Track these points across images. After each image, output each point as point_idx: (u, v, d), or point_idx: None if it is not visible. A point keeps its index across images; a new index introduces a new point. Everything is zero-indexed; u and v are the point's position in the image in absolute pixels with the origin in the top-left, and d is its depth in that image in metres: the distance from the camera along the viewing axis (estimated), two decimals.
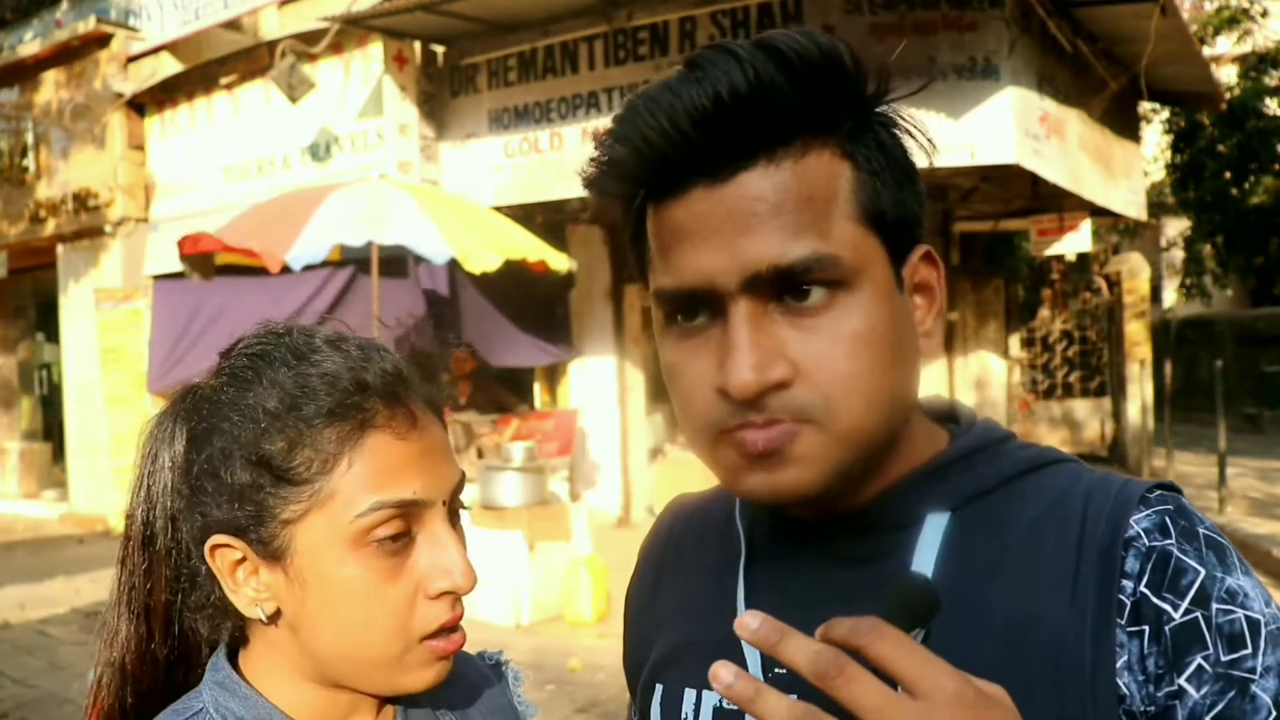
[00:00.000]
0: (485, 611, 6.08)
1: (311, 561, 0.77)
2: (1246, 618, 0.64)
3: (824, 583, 0.74)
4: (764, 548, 0.79)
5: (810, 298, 0.66)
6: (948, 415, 0.81)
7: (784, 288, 0.66)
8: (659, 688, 0.81)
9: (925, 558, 0.71)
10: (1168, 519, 0.68)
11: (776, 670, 0.72)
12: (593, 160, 0.72)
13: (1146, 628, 0.65)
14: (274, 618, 0.80)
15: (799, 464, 0.67)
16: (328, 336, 0.82)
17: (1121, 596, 0.66)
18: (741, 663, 0.73)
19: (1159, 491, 0.71)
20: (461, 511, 0.86)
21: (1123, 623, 0.65)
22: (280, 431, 0.76)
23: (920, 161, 0.73)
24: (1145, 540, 0.67)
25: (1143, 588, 0.65)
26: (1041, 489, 0.73)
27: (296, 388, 0.77)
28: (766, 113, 0.65)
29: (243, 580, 0.79)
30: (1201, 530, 0.68)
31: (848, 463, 0.68)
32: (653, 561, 0.92)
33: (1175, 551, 0.66)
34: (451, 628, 0.80)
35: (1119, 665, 0.65)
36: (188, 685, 0.86)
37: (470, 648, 1.03)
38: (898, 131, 0.71)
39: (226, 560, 0.79)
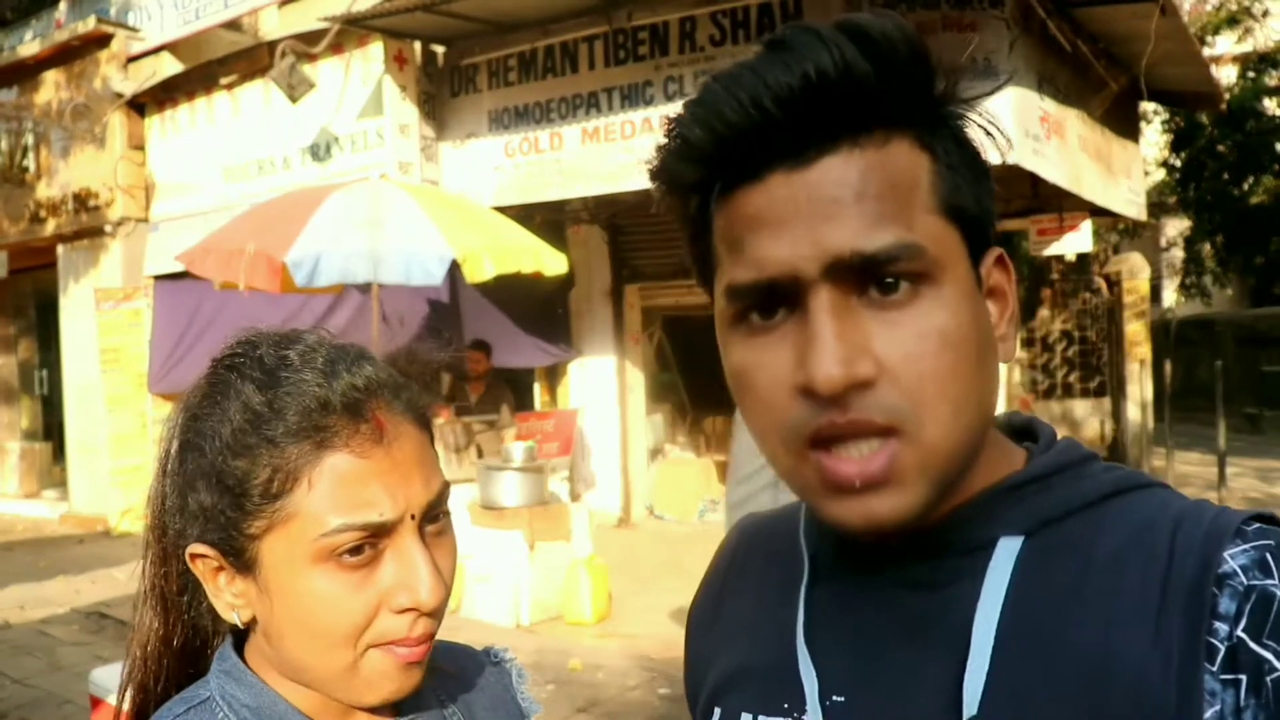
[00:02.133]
0: (485, 611, 6.08)
1: (276, 575, 0.78)
2: None
3: (888, 607, 0.70)
4: (827, 569, 0.76)
5: (896, 290, 0.63)
6: (1025, 432, 0.77)
7: (867, 279, 0.63)
8: (717, 711, 0.79)
9: (996, 584, 0.66)
10: (1269, 555, 0.61)
11: (834, 698, 0.70)
12: (661, 146, 0.68)
13: (1244, 677, 0.59)
14: (250, 623, 0.82)
15: (895, 487, 0.63)
16: (301, 348, 0.81)
17: (1214, 640, 0.60)
18: (798, 687, 0.71)
19: (1257, 524, 0.64)
20: (450, 515, 0.85)
21: (1215, 669, 0.59)
22: (241, 452, 0.77)
23: (994, 160, 0.70)
24: (1243, 578, 0.61)
25: (1239, 632, 0.59)
26: (1125, 516, 0.67)
27: (261, 405, 0.77)
28: (852, 98, 0.62)
29: (223, 586, 0.81)
30: None
31: (942, 478, 0.64)
32: (717, 580, 0.88)
33: (1278, 593, 0.60)
34: (410, 643, 0.79)
35: (1209, 715, 0.59)
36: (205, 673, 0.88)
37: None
38: (970, 129, 0.69)
39: (207, 567, 0.81)
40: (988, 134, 0.69)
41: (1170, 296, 18.25)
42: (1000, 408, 0.78)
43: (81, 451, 10.57)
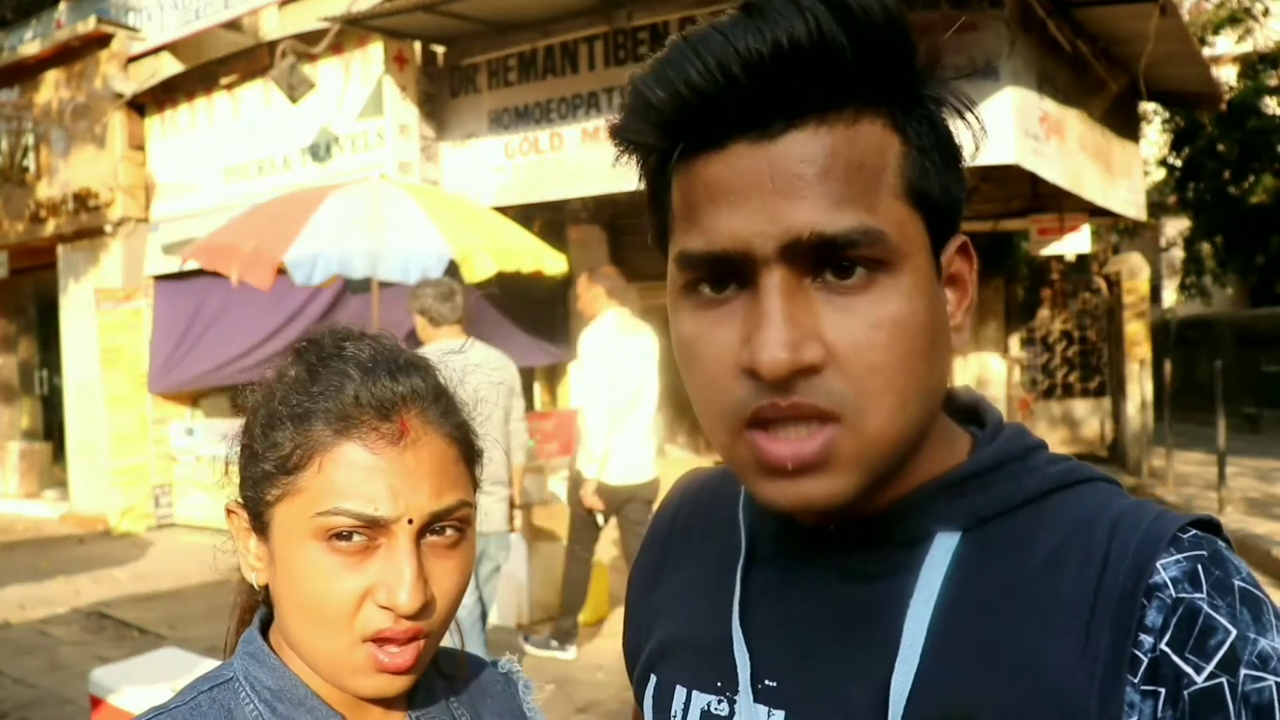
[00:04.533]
0: None
1: (281, 542, 0.83)
2: (1278, 685, 0.58)
3: (824, 595, 0.70)
4: (766, 549, 0.75)
5: (852, 275, 0.61)
6: (971, 414, 0.76)
7: (823, 262, 0.61)
8: (652, 679, 0.79)
9: (929, 581, 0.65)
10: (1200, 567, 0.61)
11: (766, 682, 0.70)
12: (624, 104, 0.65)
13: (1164, 689, 0.59)
14: (266, 588, 0.87)
15: (828, 472, 0.62)
16: (359, 345, 0.86)
17: (1138, 651, 0.60)
18: (732, 667, 0.71)
19: (1193, 532, 0.64)
20: (470, 533, 0.86)
21: (1136, 680, 0.59)
22: (275, 425, 0.83)
23: (968, 147, 0.67)
24: (1172, 590, 0.60)
25: (1164, 645, 0.59)
26: (1065, 512, 0.67)
27: (304, 387, 0.83)
28: (825, 70, 0.59)
29: (251, 547, 0.87)
30: (1237, 582, 0.61)
31: (879, 467, 0.63)
32: (658, 543, 0.88)
33: (1205, 607, 0.59)
34: (395, 640, 0.81)
35: None
36: None
37: None
38: (947, 113, 0.66)
39: (239, 524, 0.88)
40: (965, 120, 0.66)
41: (1170, 296, 18.28)
42: (1000, 407, 0.78)
43: (81, 451, 10.58)
